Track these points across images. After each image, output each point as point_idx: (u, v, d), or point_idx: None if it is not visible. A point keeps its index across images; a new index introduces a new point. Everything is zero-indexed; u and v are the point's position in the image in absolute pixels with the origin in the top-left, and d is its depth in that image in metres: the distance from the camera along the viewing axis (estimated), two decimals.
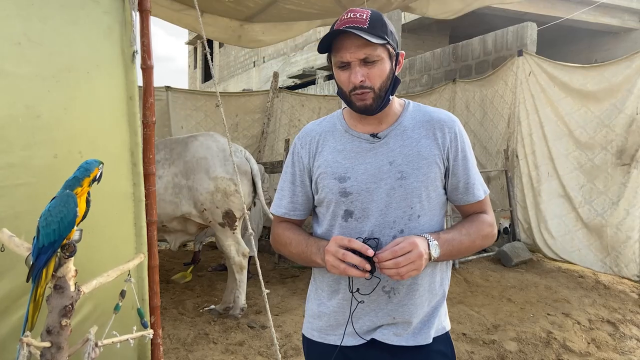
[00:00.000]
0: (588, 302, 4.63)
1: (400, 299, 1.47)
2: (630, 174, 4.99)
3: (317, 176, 1.53)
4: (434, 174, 1.46)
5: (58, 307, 1.94)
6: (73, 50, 2.26)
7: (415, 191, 1.44)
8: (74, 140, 2.26)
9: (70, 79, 2.25)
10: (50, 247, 1.79)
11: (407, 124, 1.50)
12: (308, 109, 8.13)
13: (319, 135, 1.56)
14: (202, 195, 4.00)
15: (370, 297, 1.47)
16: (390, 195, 1.44)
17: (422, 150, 1.46)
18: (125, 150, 2.36)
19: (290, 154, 1.61)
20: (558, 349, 3.74)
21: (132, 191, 2.38)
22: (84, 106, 2.28)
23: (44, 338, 1.95)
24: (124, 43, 2.35)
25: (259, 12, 5.54)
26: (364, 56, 1.37)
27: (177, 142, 4.23)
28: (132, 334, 2.19)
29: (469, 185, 1.51)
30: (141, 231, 2.43)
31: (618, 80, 5.13)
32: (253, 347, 3.62)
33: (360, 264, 1.31)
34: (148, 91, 2.51)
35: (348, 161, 1.48)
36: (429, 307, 1.51)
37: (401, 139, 1.48)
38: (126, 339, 2.17)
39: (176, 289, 5.01)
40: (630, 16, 12.38)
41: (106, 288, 2.15)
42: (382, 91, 1.41)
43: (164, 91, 7.02)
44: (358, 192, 1.46)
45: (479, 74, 7.84)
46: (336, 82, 1.47)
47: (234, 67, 24.59)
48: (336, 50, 1.40)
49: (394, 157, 1.46)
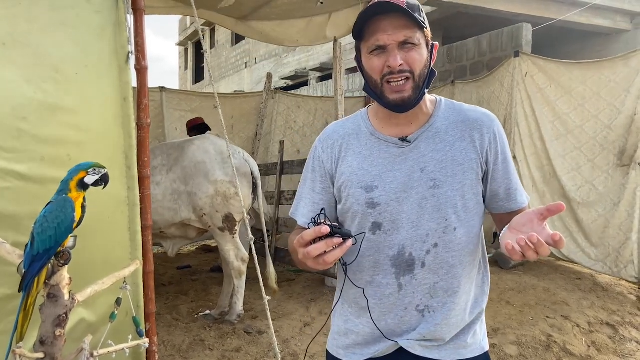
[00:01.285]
0: (587, 305, 4.60)
1: (434, 318, 1.35)
2: (629, 175, 4.98)
3: (340, 183, 1.39)
4: (471, 181, 1.32)
5: (52, 317, 1.86)
6: (61, 51, 2.20)
7: (450, 201, 1.30)
8: (61, 143, 2.19)
9: (57, 80, 2.19)
10: (46, 254, 1.72)
11: (440, 125, 1.35)
12: (304, 110, 8.07)
13: (342, 138, 1.42)
14: (202, 200, 3.92)
15: (398, 315, 1.36)
16: (422, 206, 1.31)
17: (457, 155, 1.32)
18: (119, 153, 2.29)
19: (311, 158, 1.47)
20: (559, 353, 3.70)
21: (126, 195, 2.31)
22: (73, 108, 2.21)
23: (37, 349, 1.88)
24: (118, 43, 2.28)
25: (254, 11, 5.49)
26: (404, 38, 1.24)
27: (174, 147, 4.15)
28: (127, 343, 2.13)
29: (511, 191, 1.36)
30: (136, 236, 2.37)
31: (616, 80, 5.11)
32: (250, 354, 3.55)
33: (327, 246, 1.11)
34: (142, 92, 2.44)
35: (375, 168, 1.34)
36: (464, 325, 1.39)
37: (433, 142, 1.33)
38: (121, 348, 2.11)
39: (170, 294, 4.93)
40: (622, 17, 12.42)
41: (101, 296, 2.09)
42: (421, 80, 1.28)
43: (158, 92, 6.93)
44: (387, 202, 1.32)
45: (474, 75, 7.82)
46: (364, 75, 1.33)
47: (226, 69, 24.49)
48: (370, 33, 1.26)
49: (426, 163, 1.32)
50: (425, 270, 1.33)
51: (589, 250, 5.43)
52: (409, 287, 1.34)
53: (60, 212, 1.68)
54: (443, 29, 12.88)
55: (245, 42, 22.54)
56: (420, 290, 1.34)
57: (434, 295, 1.34)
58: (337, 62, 5.29)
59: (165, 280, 5.46)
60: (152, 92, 6.89)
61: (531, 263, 5.90)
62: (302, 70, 17.34)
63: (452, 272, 1.34)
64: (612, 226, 5.18)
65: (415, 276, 1.33)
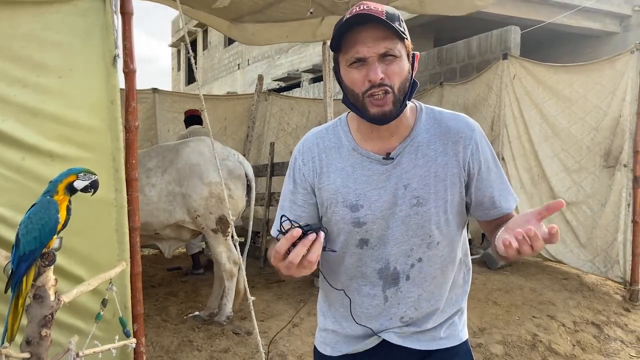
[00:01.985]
0: (573, 304, 4.66)
1: (417, 324, 1.41)
2: (615, 176, 5.04)
3: (324, 199, 1.38)
4: (453, 195, 1.33)
5: (37, 317, 1.89)
6: (44, 55, 2.23)
7: (433, 218, 1.31)
8: (43, 144, 2.22)
9: (38, 83, 2.21)
10: (31, 255, 1.75)
11: (422, 139, 1.33)
12: (297, 112, 8.09)
13: (323, 152, 1.39)
14: (196, 201, 3.94)
15: (383, 324, 1.41)
16: (406, 223, 1.31)
17: (440, 171, 1.31)
18: (107, 155, 2.32)
19: (291, 169, 1.45)
20: (544, 352, 3.75)
21: (113, 197, 2.34)
22: (56, 110, 2.24)
23: (24, 349, 1.90)
24: (105, 47, 2.31)
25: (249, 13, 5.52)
26: (384, 50, 1.20)
27: (169, 149, 4.17)
28: (114, 343, 2.15)
29: (495, 198, 1.35)
30: (123, 238, 2.39)
31: (603, 82, 5.18)
32: (238, 354, 3.58)
33: (305, 247, 1.07)
34: (130, 95, 2.47)
35: (359, 186, 1.33)
36: (441, 320, 1.44)
37: (415, 157, 1.32)
38: (108, 348, 2.13)
39: (159, 295, 4.95)
40: (611, 20, 12.54)
41: (88, 297, 2.11)
42: (402, 93, 1.24)
43: (150, 93, 6.93)
44: (373, 221, 1.33)
45: (464, 77, 7.88)
46: (343, 87, 1.29)
47: (218, 70, 24.49)
48: (349, 45, 1.22)
49: (409, 180, 1.31)
50: (410, 283, 1.37)
51: (577, 250, 5.49)
52: (394, 299, 1.39)
53: (44, 213, 1.72)
54: (434, 30, 12.97)
55: (237, 43, 22.53)
56: (404, 302, 1.39)
57: (418, 308, 1.39)
58: (326, 65, 5.33)
59: (155, 282, 5.47)
60: (144, 93, 6.91)
61: (519, 263, 5.95)
62: (294, 72, 17.37)
63: (435, 282, 1.39)
64: (599, 227, 5.24)
65: (400, 289, 1.38)
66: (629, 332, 4.20)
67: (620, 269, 4.97)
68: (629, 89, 4.91)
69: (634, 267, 4.84)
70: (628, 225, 4.91)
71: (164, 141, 6.80)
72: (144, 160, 4.07)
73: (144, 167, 4.03)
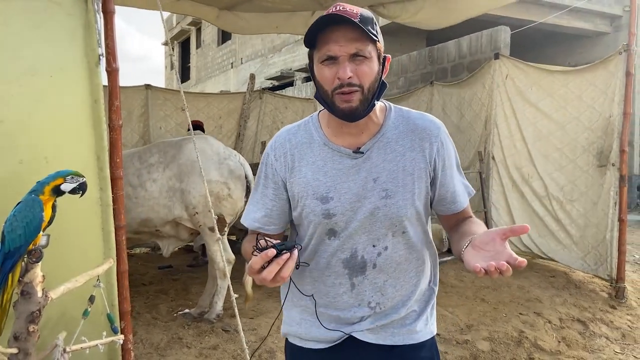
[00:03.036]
0: (559, 302, 4.71)
1: (384, 311, 1.44)
2: (606, 175, 5.11)
3: (295, 193, 1.43)
4: (420, 189, 1.39)
5: (25, 313, 1.92)
6: (36, 53, 2.24)
7: (401, 210, 1.37)
8: (39, 146, 2.23)
9: (34, 83, 2.23)
10: (16, 252, 1.77)
11: (391, 135, 1.40)
12: (291, 111, 8.11)
13: (295, 147, 1.44)
14: (195, 198, 3.97)
15: (350, 311, 1.44)
16: (375, 214, 1.37)
17: (407, 165, 1.38)
18: (91, 154, 2.33)
19: (263, 164, 1.49)
20: (529, 348, 3.80)
21: (98, 196, 2.36)
22: (49, 111, 2.25)
23: (11, 344, 1.92)
24: (88, 46, 2.32)
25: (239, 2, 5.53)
26: (355, 50, 1.25)
27: (171, 145, 4.19)
28: (101, 339, 2.18)
29: (455, 194, 1.44)
30: (109, 236, 2.41)
31: (596, 83, 5.23)
32: (227, 351, 3.61)
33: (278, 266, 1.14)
34: (114, 94, 2.47)
35: (330, 179, 1.39)
36: (415, 315, 1.48)
37: (384, 152, 1.38)
38: (95, 344, 2.16)
39: (150, 293, 4.97)
40: (602, 20, 12.62)
41: (75, 294, 2.13)
42: (370, 93, 1.30)
43: (143, 90, 6.91)
44: (342, 212, 1.38)
45: (455, 76, 7.93)
46: (315, 83, 1.34)
47: (212, 69, 24.45)
48: (323, 43, 1.28)
49: (378, 173, 1.37)
50: (376, 271, 1.42)
51: (569, 248, 5.55)
52: (361, 286, 1.43)
53: (28, 211, 1.74)
54: (426, 31, 13.00)
55: (231, 42, 22.52)
56: (371, 288, 1.43)
57: (384, 293, 1.43)
58: None
59: (146, 280, 5.49)
60: (137, 90, 6.89)
61: None
62: (287, 71, 17.37)
63: (400, 269, 1.44)
64: (591, 225, 5.31)
65: (367, 276, 1.42)
66: (615, 329, 4.25)
67: (608, 267, 5.03)
68: (617, 90, 4.97)
69: (619, 265, 4.91)
70: (615, 224, 4.97)
71: (156, 138, 6.81)
72: (145, 156, 4.10)
73: (145, 162, 4.06)
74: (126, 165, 4.07)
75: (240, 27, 6.41)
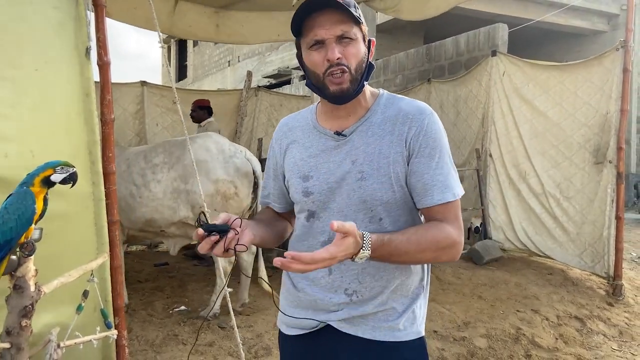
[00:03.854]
0: (557, 299, 4.70)
1: (361, 300, 1.40)
2: (602, 172, 5.10)
3: (286, 171, 1.50)
4: (396, 174, 1.35)
5: (18, 308, 1.89)
6: (19, 47, 2.20)
7: (376, 193, 1.35)
8: (24, 139, 2.20)
9: (16, 76, 2.19)
10: (7, 244, 1.74)
11: (375, 120, 1.40)
12: (287, 108, 8.10)
13: (290, 130, 1.52)
14: (201, 198, 3.91)
15: (327, 296, 1.42)
16: (350, 197, 1.37)
17: (384, 149, 1.36)
18: (83, 148, 2.30)
19: (270, 147, 1.60)
20: (527, 345, 3.79)
21: (91, 190, 2.33)
22: (34, 104, 2.22)
23: (3, 339, 1.90)
24: (78, 39, 2.29)
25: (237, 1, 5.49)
26: (341, 32, 1.29)
27: (176, 144, 4.14)
28: (95, 334, 2.15)
29: (428, 186, 1.34)
30: (102, 231, 2.38)
31: (592, 80, 5.22)
32: (223, 348, 3.58)
33: (208, 244, 1.22)
34: (106, 88, 2.46)
35: (313, 159, 1.43)
36: (398, 308, 1.41)
37: (365, 135, 1.39)
38: (89, 339, 2.13)
39: (145, 290, 4.94)
40: (600, 19, 12.64)
41: (68, 289, 2.11)
42: (358, 74, 1.33)
43: (139, 86, 6.88)
44: (319, 192, 1.40)
45: (452, 74, 7.91)
46: (305, 70, 1.38)
47: (209, 67, 24.40)
48: (309, 28, 1.31)
49: (357, 156, 1.38)
50: None
51: (566, 245, 5.55)
52: (337, 272, 1.41)
53: (20, 204, 1.72)
54: (424, 28, 13.01)
55: None
56: (348, 274, 1.40)
57: (361, 281, 1.40)
58: None
59: (142, 277, 5.45)
60: (133, 86, 6.86)
61: (505, 259, 6.00)
62: (284, 69, 17.35)
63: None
64: (587, 222, 5.30)
65: (345, 262, 1.32)
66: (612, 326, 4.25)
67: (605, 264, 5.02)
68: (614, 86, 4.96)
69: (616, 262, 4.91)
70: (612, 221, 4.97)
71: (152, 135, 6.78)
72: (150, 156, 4.05)
73: (150, 162, 4.01)
74: (132, 163, 4.04)
75: (240, 35, 6.36)
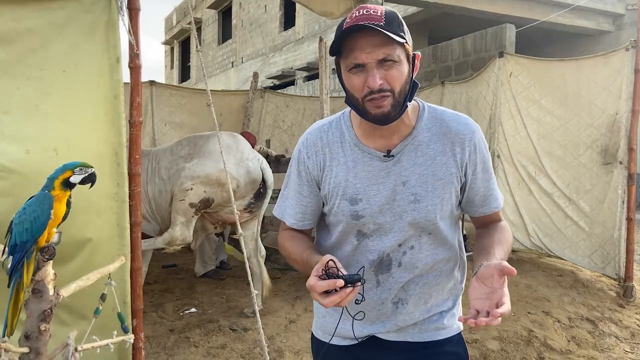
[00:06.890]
0: (567, 300, 4.68)
1: (407, 308, 1.44)
2: (612, 173, 5.07)
3: (326, 192, 1.43)
4: (449, 194, 1.37)
5: (37, 312, 1.88)
6: (48, 50, 2.23)
7: (430, 214, 1.35)
8: (47, 138, 2.22)
9: (42, 77, 2.21)
10: (23, 246, 1.74)
11: (422, 138, 1.36)
12: (293, 109, 8.09)
13: (327, 146, 1.42)
14: (199, 175, 4.01)
15: (375, 308, 1.43)
16: (403, 218, 1.36)
17: (438, 170, 1.35)
18: (109, 149, 2.32)
19: (295, 160, 1.48)
20: (539, 347, 3.77)
21: (115, 191, 2.34)
22: (59, 104, 2.24)
23: (22, 343, 1.89)
24: (110, 42, 2.31)
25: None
26: (383, 56, 1.21)
27: (201, 137, 4.29)
28: (112, 338, 2.14)
29: (487, 196, 1.42)
30: (124, 232, 2.39)
31: (596, 79, 5.20)
32: (235, 350, 3.57)
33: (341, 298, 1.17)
34: (135, 90, 2.48)
35: (359, 181, 1.37)
36: (439, 310, 1.48)
37: (415, 156, 1.36)
38: (106, 343, 2.12)
39: (155, 292, 4.93)
40: (605, 19, 12.60)
41: (87, 292, 2.10)
42: (402, 97, 1.26)
43: (147, 86, 6.88)
44: (370, 215, 1.37)
45: (459, 75, 7.89)
46: (345, 89, 1.31)
47: (212, 68, 24.44)
48: (348, 51, 1.23)
49: (408, 177, 1.35)
50: (402, 269, 1.41)
51: (576, 246, 5.52)
52: (385, 284, 1.42)
53: (37, 207, 1.72)
54: (429, 29, 13.00)
55: (231, 40, 22.50)
56: (395, 286, 1.42)
57: (407, 289, 1.43)
58: (323, 62, 5.30)
59: (151, 279, 5.44)
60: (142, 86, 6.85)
61: (514, 261, 5.97)
62: (288, 70, 17.37)
63: (425, 267, 1.42)
64: (597, 223, 5.28)
65: (392, 274, 1.41)
66: (623, 328, 4.23)
67: (616, 266, 5.00)
68: (624, 87, 4.93)
69: (628, 264, 4.88)
70: (622, 222, 4.94)
71: (160, 135, 6.80)
72: (176, 149, 4.22)
73: (176, 155, 4.16)
74: (160, 159, 4.21)
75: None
